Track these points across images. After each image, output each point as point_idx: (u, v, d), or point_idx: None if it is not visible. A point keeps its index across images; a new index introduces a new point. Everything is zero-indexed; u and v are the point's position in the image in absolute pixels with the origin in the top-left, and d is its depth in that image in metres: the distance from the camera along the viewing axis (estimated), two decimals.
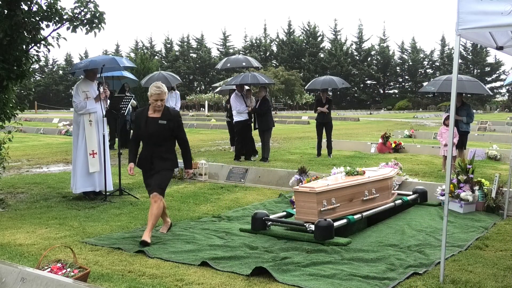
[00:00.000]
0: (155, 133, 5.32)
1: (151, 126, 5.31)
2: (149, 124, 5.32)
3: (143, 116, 5.37)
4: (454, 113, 4.43)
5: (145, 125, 5.32)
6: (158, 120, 5.32)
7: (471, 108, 10.30)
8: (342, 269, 4.36)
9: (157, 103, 5.27)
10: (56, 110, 55.84)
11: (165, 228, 5.67)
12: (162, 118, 5.34)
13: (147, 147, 5.40)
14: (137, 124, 5.41)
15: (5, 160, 7.46)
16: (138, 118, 5.41)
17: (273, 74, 53.69)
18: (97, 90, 7.71)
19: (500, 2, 3.75)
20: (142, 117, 5.37)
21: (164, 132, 5.35)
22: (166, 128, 5.35)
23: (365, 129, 26.41)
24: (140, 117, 5.40)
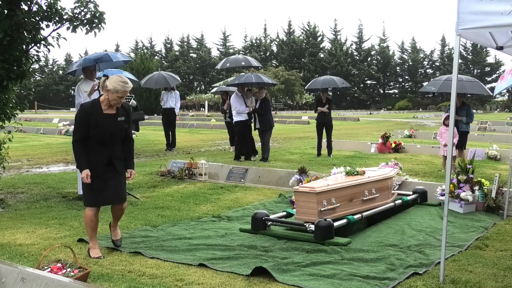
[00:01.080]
0: (116, 132, 4.78)
1: (110, 123, 4.72)
2: (107, 122, 4.70)
3: (97, 112, 4.69)
4: (454, 113, 4.43)
5: (102, 123, 4.67)
6: (116, 117, 4.77)
7: (471, 108, 10.31)
8: (342, 269, 4.36)
9: (120, 100, 4.70)
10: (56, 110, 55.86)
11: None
12: (119, 114, 4.79)
13: (104, 148, 4.74)
14: (89, 121, 4.64)
15: (5, 160, 7.46)
16: (89, 114, 4.66)
17: (273, 74, 53.72)
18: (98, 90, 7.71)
19: (500, 2, 3.75)
20: (95, 114, 4.67)
21: (122, 130, 4.84)
22: (123, 125, 4.85)
23: (365, 129, 26.41)
24: (91, 113, 4.67)
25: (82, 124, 4.67)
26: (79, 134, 4.69)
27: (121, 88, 4.64)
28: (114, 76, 4.72)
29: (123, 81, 4.68)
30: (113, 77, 4.70)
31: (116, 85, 4.64)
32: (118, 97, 4.66)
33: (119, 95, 4.66)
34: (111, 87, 4.63)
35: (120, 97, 4.68)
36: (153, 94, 43.16)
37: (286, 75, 56.14)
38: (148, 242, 5.15)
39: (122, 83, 4.66)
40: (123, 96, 4.70)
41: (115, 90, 4.64)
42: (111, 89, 4.64)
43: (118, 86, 4.64)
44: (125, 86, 4.67)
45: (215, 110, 52.50)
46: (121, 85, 4.65)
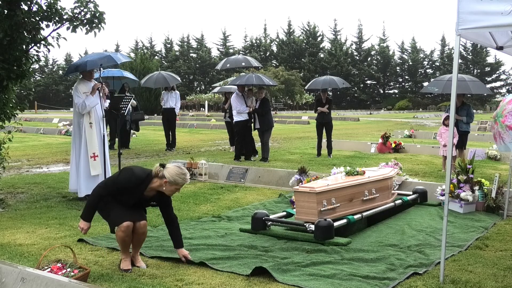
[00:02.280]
0: (139, 207, 4.57)
1: (139, 201, 4.49)
2: (137, 200, 4.46)
3: (137, 192, 4.40)
4: (454, 113, 4.43)
5: (133, 199, 4.43)
6: (150, 202, 4.56)
7: (471, 108, 10.30)
8: (342, 269, 4.36)
9: (177, 191, 4.48)
10: (56, 110, 55.86)
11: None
12: (154, 200, 4.55)
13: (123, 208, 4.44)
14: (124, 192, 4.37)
15: (5, 160, 7.46)
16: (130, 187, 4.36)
17: (273, 74, 53.73)
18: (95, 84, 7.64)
19: (500, 2, 3.75)
20: (135, 191, 4.39)
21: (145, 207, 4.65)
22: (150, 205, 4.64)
23: (365, 129, 26.41)
24: (133, 189, 4.37)
25: (117, 188, 4.37)
26: (106, 191, 4.40)
27: (182, 182, 4.38)
28: (173, 167, 4.38)
29: (183, 173, 4.39)
30: (173, 168, 4.37)
31: (177, 178, 4.34)
32: (176, 188, 4.42)
33: (178, 187, 4.42)
34: (172, 179, 4.33)
35: (178, 189, 4.44)
36: (153, 94, 43.15)
37: (286, 75, 56.14)
38: (148, 242, 5.15)
39: (182, 175, 4.37)
40: (179, 188, 4.45)
41: (175, 182, 4.36)
42: (171, 181, 4.34)
43: (178, 179, 4.35)
44: (185, 178, 4.40)
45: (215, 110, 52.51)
46: (182, 177, 4.37)
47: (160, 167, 4.38)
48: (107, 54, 7.97)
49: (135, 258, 4.55)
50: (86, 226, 4.41)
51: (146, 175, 4.40)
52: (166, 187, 4.37)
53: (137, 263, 4.54)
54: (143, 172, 4.44)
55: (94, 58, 7.77)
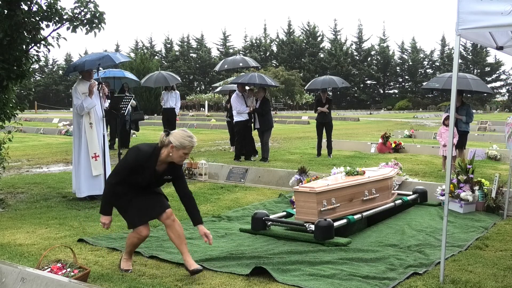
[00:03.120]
0: (155, 185, 4.44)
1: (153, 178, 4.32)
2: (151, 176, 4.28)
3: (148, 166, 4.23)
4: (454, 112, 4.43)
5: (146, 177, 4.26)
6: (163, 175, 4.36)
7: (470, 108, 10.31)
8: (342, 269, 4.36)
9: (186, 156, 4.30)
10: (56, 110, 55.85)
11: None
12: (167, 173, 4.36)
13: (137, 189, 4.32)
14: (136, 170, 4.21)
15: (5, 160, 7.46)
16: (140, 165, 4.20)
17: (273, 74, 53.70)
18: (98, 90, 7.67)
19: (500, 2, 3.75)
20: (146, 167, 4.22)
21: (163, 184, 4.49)
22: (165, 181, 4.45)
23: (365, 129, 26.41)
24: (144, 166, 4.21)
25: (128, 169, 4.21)
26: (119, 178, 4.23)
27: (189, 144, 4.22)
28: (178, 131, 4.26)
29: (190, 136, 4.26)
30: (177, 132, 4.26)
31: (183, 141, 4.20)
32: (184, 153, 4.23)
33: (186, 152, 4.24)
34: (178, 143, 4.18)
35: (186, 154, 4.26)
36: (153, 94, 43.16)
37: (286, 75, 56.12)
38: (148, 242, 5.15)
39: (189, 137, 4.24)
40: (189, 152, 4.29)
41: (182, 145, 4.19)
42: (178, 145, 4.18)
43: (185, 142, 4.20)
44: (192, 141, 4.25)
45: (215, 110, 52.51)
46: (188, 140, 4.22)
47: (164, 134, 4.24)
48: (106, 54, 7.96)
49: (187, 261, 4.24)
50: (108, 220, 4.28)
51: (153, 148, 4.24)
52: (173, 153, 4.19)
53: (191, 266, 4.20)
54: (149, 146, 4.28)
55: (93, 58, 7.77)
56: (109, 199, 4.29)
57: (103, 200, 4.33)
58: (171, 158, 4.22)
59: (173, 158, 4.23)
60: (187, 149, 4.22)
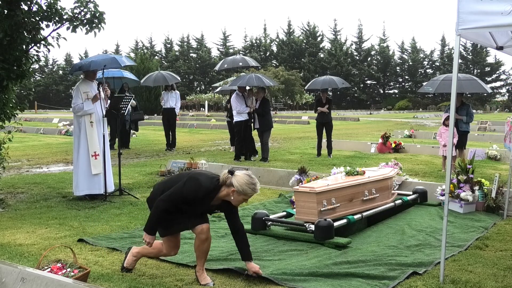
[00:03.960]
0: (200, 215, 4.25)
1: (204, 211, 4.23)
2: (202, 209, 4.19)
3: (205, 203, 4.10)
4: (454, 112, 4.43)
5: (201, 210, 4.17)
6: (214, 209, 4.32)
7: (470, 108, 10.30)
8: (342, 269, 4.36)
9: (245, 201, 4.15)
10: (56, 110, 55.85)
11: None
12: (220, 207, 4.26)
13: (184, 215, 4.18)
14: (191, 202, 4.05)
15: (5, 160, 7.46)
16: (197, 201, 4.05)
17: (273, 74, 53.70)
18: (97, 90, 7.70)
19: (500, 2, 3.75)
20: (202, 203, 4.09)
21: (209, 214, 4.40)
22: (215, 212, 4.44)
23: (365, 129, 26.41)
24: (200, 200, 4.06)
25: (183, 199, 4.03)
26: (173, 204, 4.05)
27: (251, 193, 4.02)
28: (242, 176, 4.03)
29: (253, 183, 4.03)
30: (242, 176, 4.02)
31: (246, 188, 3.99)
32: (243, 199, 4.09)
33: (246, 198, 4.07)
34: (240, 188, 3.99)
35: (245, 200, 4.10)
36: (153, 94, 43.15)
37: (286, 75, 56.11)
38: None
39: (252, 185, 4.02)
40: (248, 199, 4.11)
41: (244, 192, 4.01)
42: (239, 191, 4.00)
43: (248, 190, 4.00)
44: (255, 189, 4.04)
45: (215, 110, 52.50)
46: (252, 188, 4.01)
47: (228, 174, 4.05)
48: (112, 56, 8.06)
49: (199, 274, 4.15)
50: (152, 240, 4.11)
51: (214, 185, 4.06)
52: (234, 196, 4.04)
53: (202, 280, 4.11)
54: (211, 182, 4.07)
55: (98, 59, 7.84)
56: (157, 222, 4.11)
57: (151, 222, 4.10)
58: (229, 198, 4.08)
59: (232, 201, 4.09)
60: (248, 196, 4.05)
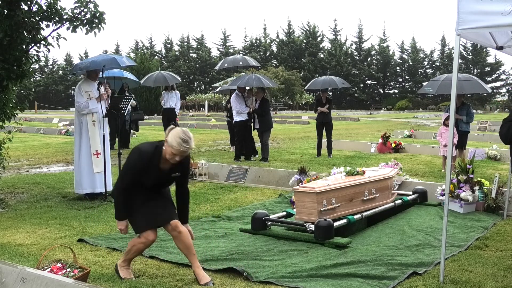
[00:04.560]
0: (164, 184, 4.27)
1: (162, 178, 4.16)
2: (159, 176, 4.12)
3: (152, 166, 4.04)
4: (454, 112, 4.43)
5: (154, 177, 4.09)
6: (171, 173, 4.16)
7: (471, 108, 10.30)
8: (342, 269, 4.36)
9: (174, 158, 3.97)
10: (56, 110, 55.84)
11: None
12: (175, 170, 4.15)
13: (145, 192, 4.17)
14: (141, 172, 4.03)
15: (5, 160, 7.47)
16: (145, 165, 4.01)
17: (273, 74, 53.69)
18: (98, 90, 7.75)
19: (500, 2, 3.75)
20: (150, 167, 4.03)
21: (172, 181, 4.30)
22: (176, 179, 4.28)
23: (365, 129, 26.41)
24: (147, 166, 4.02)
25: (135, 173, 4.02)
26: (128, 182, 4.05)
27: (177, 146, 3.89)
28: (178, 130, 3.98)
29: (183, 139, 3.90)
30: (177, 130, 3.97)
31: (173, 141, 3.89)
32: (172, 153, 3.93)
33: (174, 152, 3.92)
34: (169, 140, 3.91)
35: (174, 155, 3.93)
36: (153, 94, 43.16)
37: (286, 75, 56.10)
38: None
39: (180, 140, 3.89)
40: (178, 154, 3.94)
41: (171, 144, 3.91)
42: (168, 142, 3.93)
43: (174, 142, 3.89)
44: (182, 145, 3.88)
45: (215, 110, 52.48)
46: (178, 142, 3.88)
47: (169, 128, 4.01)
48: (112, 56, 8.10)
49: (197, 274, 4.08)
50: (124, 226, 4.14)
51: (155, 146, 4.03)
52: (166, 148, 3.95)
53: (201, 279, 4.03)
54: (151, 145, 4.06)
55: (98, 60, 7.90)
56: (121, 205, 4.12)
57: (116, 207, 4.17)
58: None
59: (164, 153, 4.00)
60: (174, 149, 3.91)
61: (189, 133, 3.99)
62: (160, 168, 4.07)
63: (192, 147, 3.99)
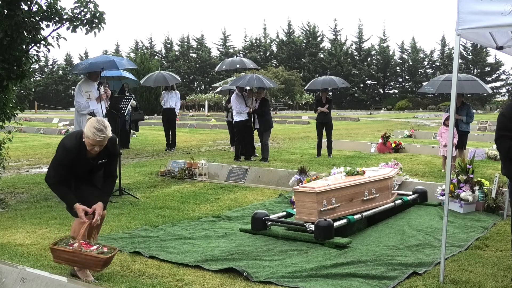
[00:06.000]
0: (93, 171, 4.29)
1: (90, 166, 4.21)
2: (87, 165, 4.18)
3: (79, 158, 4.07)
4: (454, 113, 4.43)
5: (82, 166, 4.15)
6: (97, 161, 4.19)
7: (471, 108, 10.30)
8: (342, 269, 4.36)
9: (93, 148, 3.99)
10: (56, 110, 55.85)
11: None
12: (102, 157, 4.18)
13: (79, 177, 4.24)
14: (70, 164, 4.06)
15: (5, 160, 7.47)
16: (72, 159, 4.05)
17: (273, 74, 53.70)
18: (97, 90, 7.77)
19: (500, 2, 3.75)
20: (77, 159, 4.06)
21: (101, 168, 4.32)
22: (104, 166, 4.31)
23: (365, 129, 26.41)
24: (75, 158, 4.05)
25: (63, 167, 4.06)
26: (58, 176, 4.08)
27: (91, 136, 3.90)
28: (93, 119, 4.01)
29: (98, 128, 3.91)
30: (92, 120, 4.00)
31: (88, 130, 3.92)
32: (90, 143, 3.95)
33: (91, 143, 3.94)
34: (85, 130, 3.95)
35: (92, 145, 3.95)
36: (153, 94, 43.13)
37: (286, 75, 56.09)
38: (148, 242, 5.16)
39: (94, 129, 3.90)
40: (95, 145, 3.95)
41: (86, 135, 3.94)
42: (85, 133, 3.96)
43: (89, 132, 3.92)
44: (96, 134, 3.89)
45: (215, 110, 52.46)
46: (92, 131, 3.90)
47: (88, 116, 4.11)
48: (111, 58, 8.12)
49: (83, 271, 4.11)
50: (81, 212, 4.03)
51: (78, 139, 4.05)
52: (85, 140, 3.97)
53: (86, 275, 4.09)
54: (75, 139, 4.07)
55: (97, 61, 7.92)
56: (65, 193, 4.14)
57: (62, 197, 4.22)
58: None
59: (85, 144, 4.00)
60: (91, 139, 3.92)
61: (104, 122, 4.01)
62: (87, 158, 4.11)
63: (108, 135, 3.98)
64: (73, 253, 3.83)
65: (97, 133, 3.92)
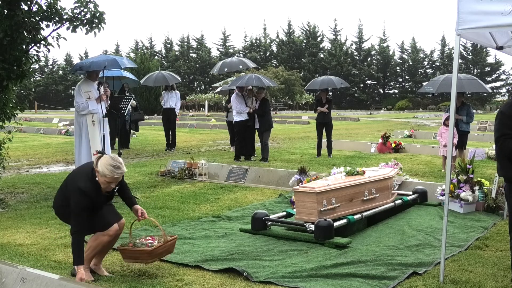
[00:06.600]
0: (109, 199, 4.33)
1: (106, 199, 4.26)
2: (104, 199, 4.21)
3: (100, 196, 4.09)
4: (454, 113, 4.43)
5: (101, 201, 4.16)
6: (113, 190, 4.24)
7: (471, 108, 10.30)
8: (342, 269, 4.36)
9: (109, 185, 4.03)
10: (56, 110, 55.85)
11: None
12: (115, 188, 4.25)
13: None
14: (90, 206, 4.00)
15: (5, 160, 7.47)
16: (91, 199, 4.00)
17: (273, 74, 53.68)
18: (97, 90, 7.76)
19: (500, 2, 3.75)
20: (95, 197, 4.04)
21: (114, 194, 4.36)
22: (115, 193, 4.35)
23: (365, 129, 26.41)
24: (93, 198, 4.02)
25: (84, 210, 3.95)
26: (82, 223, 3.96)
27: (109, 174, 3.91)
28: (106, 158, 3.99)
29: (114, 165, 3.93)
30: (105, 158, 3.98)
31: (104, 169, 3.91)
32: (106, 181, 3.96)
33: (108, 180, 3.96)
34: (100, 169, 3.93)
35: (108, 183, 3.97)
36: (153, 94, 43.14)
37: (286, 75, 56.09)
38: None
39: (111, 167, 3.92)
40: (112, 182, 3.98)
41: (103, 174, 3.92)
42: (100, 172, 3.94)
43: (106, 171, 3.91)
44: (114, 171, 3.92)
45: (215, 110, 52.46)
46: (110, 169, 3.91)
47: (98, 154, 4.05)
48: (113, 57, 8.11)
49: (98, 267, 4.24)
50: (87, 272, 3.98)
51: (92, 180, 4.01)
52: (98, 177, 3.96)
53: (102, 271, 4.24)
54: (89, 180, 4.01)
55: (99, 60, 7.89)
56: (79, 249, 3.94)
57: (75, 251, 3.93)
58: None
59: (99, 183, 4.00)
60: (108, 178, 3.94)
61: (118, 159, 4.03)
62: (104, 195, 4.15)
63: (125, 171, 4.03)
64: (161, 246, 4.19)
65: (115, 170, 3.95)
